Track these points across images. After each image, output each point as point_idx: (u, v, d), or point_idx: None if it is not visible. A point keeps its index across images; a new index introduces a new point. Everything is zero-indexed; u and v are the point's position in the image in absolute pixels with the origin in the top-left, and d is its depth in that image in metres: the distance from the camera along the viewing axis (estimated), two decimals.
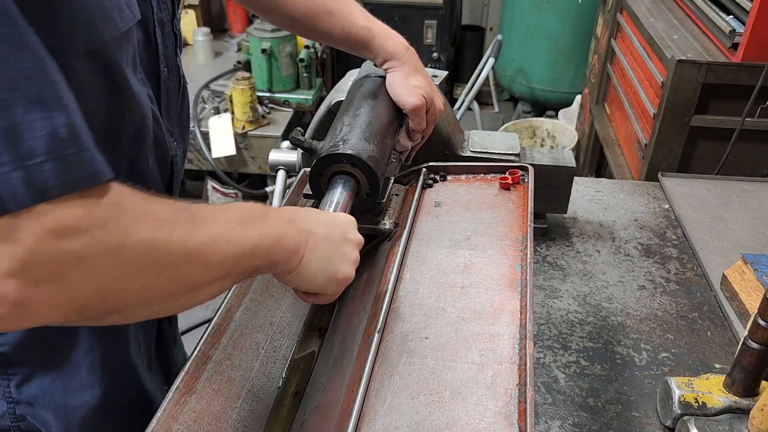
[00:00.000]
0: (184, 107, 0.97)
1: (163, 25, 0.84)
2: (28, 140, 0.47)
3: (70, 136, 0.49)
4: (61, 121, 0.49)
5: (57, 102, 0.49)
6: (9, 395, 0.84)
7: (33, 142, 0.47)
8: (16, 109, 0.47)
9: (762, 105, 1.92)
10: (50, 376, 0.85)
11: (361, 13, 1.07)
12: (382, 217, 1.03)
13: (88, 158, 0.50)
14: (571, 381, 1.06)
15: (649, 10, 2.43)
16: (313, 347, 0.95)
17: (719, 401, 0.91)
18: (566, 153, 1.38)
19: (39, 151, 0.47)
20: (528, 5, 3.97)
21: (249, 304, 0.91)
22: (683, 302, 1.24)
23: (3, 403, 0.85)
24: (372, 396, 0.71)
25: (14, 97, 0.47)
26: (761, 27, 1.85)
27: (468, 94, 3.53)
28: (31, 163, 0.47)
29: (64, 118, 0.49)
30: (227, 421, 0.76)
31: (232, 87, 3.02)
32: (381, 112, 1.02)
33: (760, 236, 1.42)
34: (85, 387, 0.87)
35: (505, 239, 0.94)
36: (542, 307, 1.23)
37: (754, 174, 2.03)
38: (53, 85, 0.50)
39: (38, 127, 0.47)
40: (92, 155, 0.51)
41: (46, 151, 0.48)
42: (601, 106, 2.96)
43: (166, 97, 0.88)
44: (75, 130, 0.50)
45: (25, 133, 0.47)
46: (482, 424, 0.66)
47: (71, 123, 0.50)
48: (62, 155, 0.48)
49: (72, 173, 0.49)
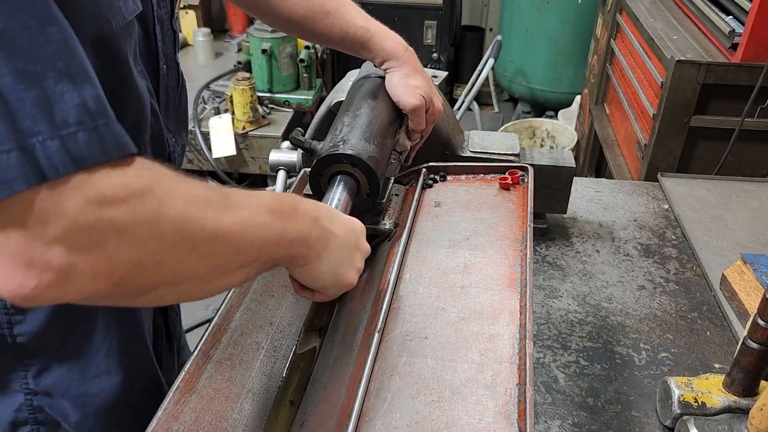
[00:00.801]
0: (182, 105, 0.98)
1: (162, 23, 0.85)
2: (60, 111, 0.48)
3: (98, 109, 0.50)
4: (89, 93, 0.50)
5: (84, 75, 0.50)
6: (26, 386, 0.84)
7: (65, 113, 0.48)
8: (46, 81, 0.47)
9: (761, 105, 1.93)
10: (67, 364, 0.85)
11: (360, 13, 1.07)
12: (382, 217, 1.03)
13: (117, 130, 0.51)
14: (571, 381, 1.06)
15: (648, 10, 2.43)
16: (314, 347, 0.96)
17: (719, 401, 0.91)
18: (566, 153, 1.38)
19: (71, 122, 0.48)
20: (528, 6, 3.97)
21: (249, 303, 0.92)
22: (683, 302, 1.24)
23: (20, 395, 0.84)
24: (372, 396, 0.71)
25: (44, 69, 0.47)
26: (760, 27, 1.85)
27: (468, 94, 3.53)
28: (65, 132, 0.48)
29: (92, 91, 0.50)
30: (227, 421, 0.77)
31: (232, 87, 3.03)
32: (381, 112, 1.02)
33: (760, 236, 1.42)
34: (103, 374, 0.87)
35: (505, 239, 0.95)
36: (542, 307, 1.23)
37: (753, 174, 2.03)
38: (80, 58, 0.51)
39: (69, 98, 0.48)
40: (119, 128, 0.52)
41: (78, 122, 0.48)
42: (601, 107, 2.96)
43: (165, 94, 0.89)
44: (102, 103, 0.51)
45: (57, 103, 0.48)
46: (482, 423, 0.66)
47: (98, 96, 0.51)
48: (93, 126, 0.49)
49: (103, 144, 0.50)
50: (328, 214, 0.78)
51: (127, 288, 0.55)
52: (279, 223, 0.67)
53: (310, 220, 0.73)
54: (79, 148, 0.48)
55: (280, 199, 0.69)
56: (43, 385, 0.85)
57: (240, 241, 0.62)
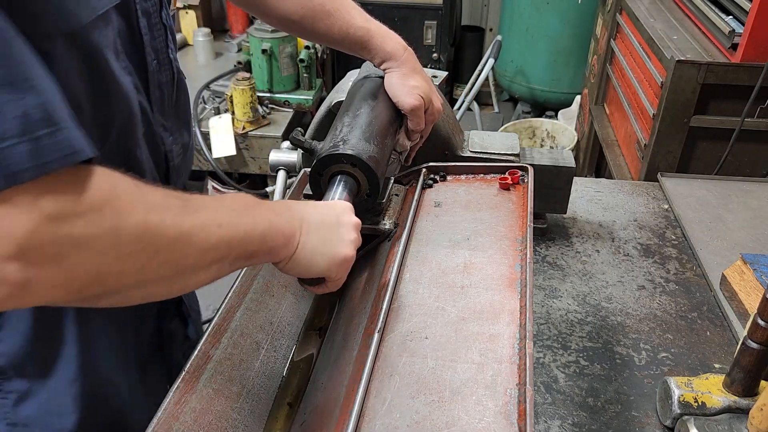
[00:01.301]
0: (181, 102, 0.96)
1: (149, 16, 0.82)
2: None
3: (43, 117, 0.49)
4: (32, 102, 0.49)
5: (27, 83, 0.49)
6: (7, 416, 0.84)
7: (5, 125, 0.47)
8: None
9: (761, 105, 1.93)
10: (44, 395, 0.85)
11: (359, 13, 1.07)
12: (382, 217, 1.03)
13: (65, 138, 0.50)
14: (571, 381, 1.06)
15: (648, 10, 2.43)
16: (313, 347, 0.96)
17: (718, 401, 0.91)
18: (566, 153, 1.38)
19: (10, 134, 0.47)
20: (528, 6, 3.97)
21: (249, 304, 0.92)
22: (683, 302, 1.24)
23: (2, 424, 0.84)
24: (372, 396, 0.71)
25: None
26: (760, 27, 1.85)
27: (468, 94, 3.53)
28: (3, 145, 0.47)
29: (35, 99, 0.49)
30: (227, 421, 0.77)
31: (232, 87, 3.03)
32: (381, 112, 1.02)
33: (760, 236, 1.42)
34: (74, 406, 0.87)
35: (505, 239, 0.95)
36: (542, 307, 1.23)
37: (753, 174, 2.03)
38: (21, 66, 0.49)
39: (8, 109, 0.47)
40: (69, 135, 0.51)
41: (19, 133, 0.47)
42: (601, 107, 2.96)
43: (158, 91, 0.87)
44: (48, 111, 0.50)
45: None
46: (482, 423, 0.66)
47: (44, 103, 0.50)
48: (35, 136, 0.48)
49: (46, 154, 0.49)
50: (296, 204, 0.79)
51: (87, 294, 0.55)
52: (244, 219, 0.67)
53: (277, 210, 0.73)
54: (17, 160, 0.47)
55: (242, 196, 0.70)
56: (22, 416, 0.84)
57: (204, 241, 0.61)
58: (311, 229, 0.76)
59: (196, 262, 0.62)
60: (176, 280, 0.62)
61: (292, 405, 0.86)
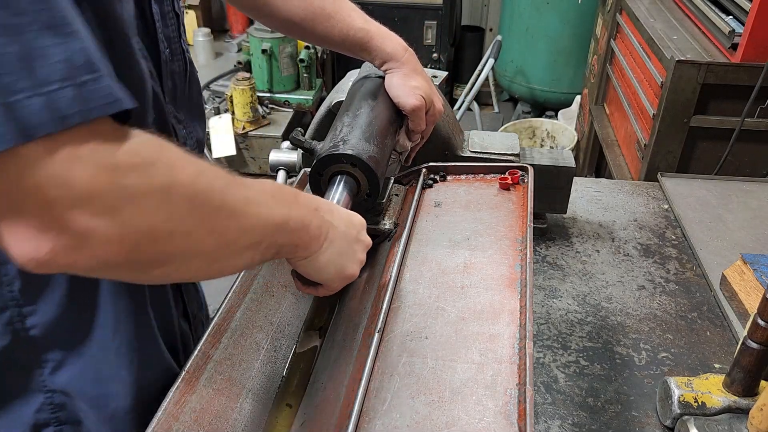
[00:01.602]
0: (194, 95, 0.95)
1: (161, 3, 0.82)
2: (42, 66, 0.47)
3: (86, 63, 0.49)
4: (75, 47, 0.49)
5: (68, 27, 0.49)
6: (44, 385, 0.83)
7: (48, 69, 0.47)
8: (27, 34, 0.46)
9: (761, 105, 1.93)
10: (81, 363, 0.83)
11: (359, 15, 1.06)
12: (382, 217, 1.03)
13: (107, 85, 0.50)
14: (571, 381, 1.06)
15: (648, 10, 2.43)
16: (315, 344, 0.95)
17: (719, 401, 0.91)
18: (566, 153, 1.38)
19: (55, 78, 0.47)
20: (528, 6, 3.97)
21: (249, 303, 0.92)
22: (683, 302, 1.24)
23: (40, 395, 0.82)
24: (372, 396, 0.71)
25: (24, 23, 0.46)
26: (760, 27, 1.85)
27: (468, 94, 3.53)
28: (49, 89, 0.47)
29: (78, 44, 0.49)
30: (227, 421, 0.77)
31: (232, 87, 3.03)
32: (381, 112, 1.02)
33: (760, 236, 1.42)
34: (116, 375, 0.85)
35: (505, 239, 0.95)
36: (542, 307, 1.23)
37: (753, 174, 2.03)
38: (63, 11, 0.49)
39: (52, 53, 0.47)
40: (110, 83, 0.51)
41: (63, 77, 0.47)
42: (601, 107, 2.96)
43: (171, 81, 0.86)
44: (90, 57, 0.50)
45: (39, 59, 0.46)
46: (482, 423, 0.66)
47: (85, 49, 0.50)
48: (79, 81, 0.48)
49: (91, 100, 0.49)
50: (327, 206, 0.79)
51: (138, 257, 0.55)
52: (282, 208, 0.68)
53: (311, 209, 0.74)
54: (67, 105, 0.47)
55: (281, 187, 0.71)
56: (59, 383, 0.83)
57: (245, 218, 0.62)
58: (335, 238, 0.77)
59: (235, 239, 0.62)
60: (216, 257, 0.62)
61: (291, 405, 0.86)
